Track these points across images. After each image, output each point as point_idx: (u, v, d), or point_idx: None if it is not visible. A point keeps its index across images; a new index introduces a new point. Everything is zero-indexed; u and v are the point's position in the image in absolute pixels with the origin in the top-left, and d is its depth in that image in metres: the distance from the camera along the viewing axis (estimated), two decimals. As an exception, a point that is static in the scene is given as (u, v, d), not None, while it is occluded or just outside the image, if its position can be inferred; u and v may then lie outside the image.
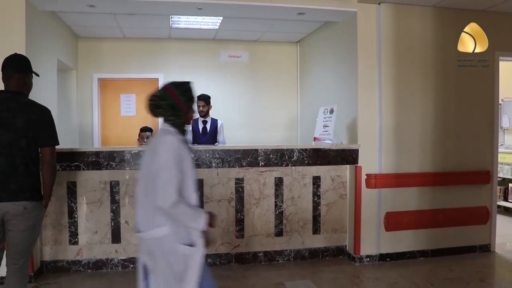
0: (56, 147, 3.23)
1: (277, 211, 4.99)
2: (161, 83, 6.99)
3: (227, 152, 4.68)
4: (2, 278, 3.10)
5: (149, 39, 6.97)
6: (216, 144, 5.94)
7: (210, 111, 6.09)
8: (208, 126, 6.05)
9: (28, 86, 3.24)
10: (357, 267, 4.86)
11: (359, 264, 4.93)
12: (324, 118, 5.29)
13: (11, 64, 3.16)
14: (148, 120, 6.93)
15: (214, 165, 4.65)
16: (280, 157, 4.78)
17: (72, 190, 4.64)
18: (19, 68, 3.17)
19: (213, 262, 4.85)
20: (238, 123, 7.10)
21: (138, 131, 5.89)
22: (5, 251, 3.13)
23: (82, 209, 4.67)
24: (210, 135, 6.02)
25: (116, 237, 4.72)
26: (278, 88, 7.33)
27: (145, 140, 5.70)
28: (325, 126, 5.23)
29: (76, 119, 6.83)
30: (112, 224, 4.71)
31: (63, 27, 6.08)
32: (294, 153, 4.81)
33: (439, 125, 5.13)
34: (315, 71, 6.57)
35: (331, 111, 5.17)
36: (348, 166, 5.09)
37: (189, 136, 6.04)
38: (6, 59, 3.18)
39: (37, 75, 3.35)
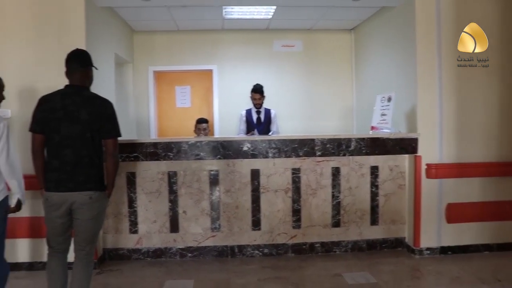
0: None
1: (334, 202, 4.91)
2: (215, 74, 7.06)
3: (283, 142, 4.65)
4: (71, 263, 3.22)
5: (202, 31, 7.01)
6: (270, 134, 5.93)
7: (263, 101, 6.08)
8: (262, 116, 6.05)
9: (90, 80, 3.34)
10: (417, 260, 4.72)
11: (419, 256, 4.78)
12: (382, 106, 5.15)
13: (74, 58, 3.26)
14: (204, 111, 7.04)
15: (270, 155, 4.63)
16: (337, 146, 4.70)
17: (131, 181, 4.75)
18: (82, 62, 3.27)
19: (270, 252, 4.85)
20: (292, 113, 7.04)
21: (194, 123, 5.96)
22: (72, 238, 3.26)
23: (141, 199, 4.78)
24: (264, 125, 6.01)
25: (174, 227, 4.80)
26: (333, 77, 7.20)
27: (202, 131, 5.77)
28: (382, 114, 5.10)
29: (133, 111, 7.00)
30: (170, 214, 4.79)
31: (119, 22, 6.23)
32: (351, 142, 4.72)
33: (505, 111, 4.86)
34: (371, 58, 6.41)
35: (389, 99, 5.02)
36: (407, 155, 4.93)
37: (244, 126, 6.07)
38: (69, 54, 3.28)
39: (96, 68, 3.43)
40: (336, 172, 4.90)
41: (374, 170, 4.94)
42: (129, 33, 6.80)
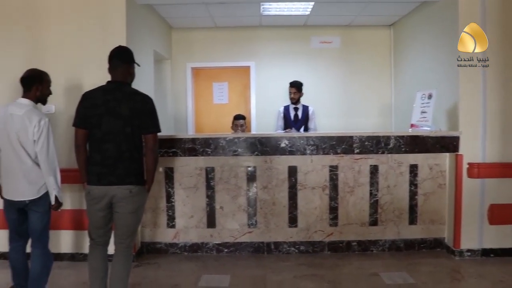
0: None
1: (372, 200, 4.85)
2: (252, 71, 7.07)
3: (321, 139, 4.63)
4: (111, 256, 3.29)
5: (240, 27, 7.02)
6: (308, 131, 5.91)
7: (301, 98, 6.05)
8: (299, 113, 6.03)
9: (132, 76, 3.40)
10: (457, 262, 4.60)
11: (459, 258, 4.66)
12: (422, 103, 5.05)
13: (116, 55, 3.33)
14: (241, 108, 7.06)
15: (308, 152, 4.62)
16: (375, 144, 4.64)
17: (169, 176, 4.82)
18: (124, 59, 3.33)
19: (306, 249, 4.84)
20: (329, 110, 6.98)
21: (231, 119, 5.99)
22: (113, 232, 3.33)
23: (179, 194, 4.84)
24: (302, 122, 6.00)
25: (211, 222, 4.85)
26: (371, 74, 7.10)
27: (239, 128, 5.79)
28: (423, 112, 5.00)
29: (171, 107, 7.09)
30: (208, 209, 4.84)
31: (158, 19, 6.31)
32: (390, 140, 4.64)
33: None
34: (411, 55, 6.28)
35: (429, 97, 4.92)
36: (447, 154, 4.81)
37: (281, 123, 6.07)
38: (112, 51, 3.35)
39: (138, 65, 3.49)
40: (374, 170, 4.83)
41: (413, 169, 4.85)
42: (167, 30, 6.89)
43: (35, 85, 3.42)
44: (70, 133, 3.57)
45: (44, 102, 3.57)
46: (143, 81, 4.95)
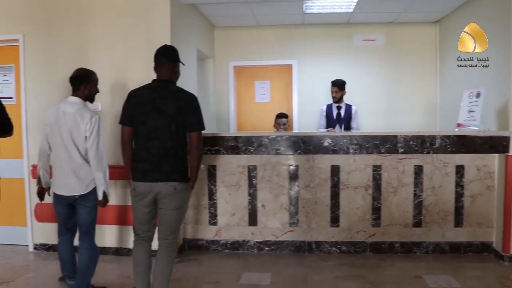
0: None
1: (416, 201, 4.75)
2: (294, 69, 7.05)
3: (365, 138, 4.58)
4: (155, 251, 3.35)
5: (282, 25, 7.01)
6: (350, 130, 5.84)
7: (344, 96, 6.00)
8: (342, 112, 5.97)
9: (177, 75, 3.44)
10: (506, 267, 4.42)
11: (508, 264, 4.47)
12: (470, 102, 4.90)
13: (162, 54, 3.38)
14: (283, 106, 7.05)
15: (351, 151, 4.58)
16: (420, 144, 4.54)
17: (212, 173, 4.87)
18: (170, 57, 3.37)
19: (347, 249, 4.79)
20: (372, 108, 6.86)
21: (273, 117, 6.00)
22: (157, 228, 3.39)
23: (221, 192, 4.89)
24: (344, 121, 5.93)
25: (252, 220, 4.88)
26: (415, 72, 6.93)
27: (281, 126, 5.79)
28: (470, 111, 4.85)
29: (213, 105, 7.15)
30: (249, 207, 4.87)
31: (201, 18, 6.38)
32: (436, 140, 4.54)
33: None
34: (458, 52, 6.08)
35: (478, 95, 4.77)
36: (497, 155, 4.65)
37: (324, 122, 6.03)
38: (158, 50, 3.40)
39: (183, 64, 3.54)
40: (418, 170, 4.73)
41: (460, 170, 4.71)
42: (210, 29, 6.95)
43: (83, 83, 3.53)
44: (115, 131, 3.67)
45: (91, 100, 3.67)
46: (187, 80, 5.02)
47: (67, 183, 3.46)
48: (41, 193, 3.66)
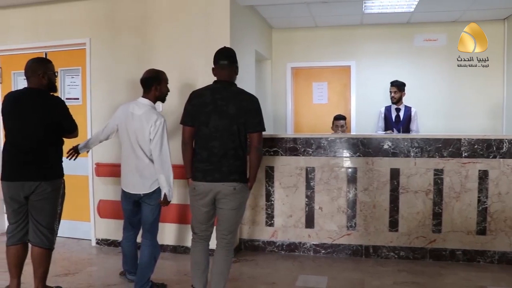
0: None
1: (480, 207, 4.56)
2: (353, 70, 6.96)
3: (426, 141, 4.46)
4: (213, 250, 3.40)
5: (340, 26, 6.94)
6: (410, 133, 5.70)
7: (403, 98, 5.86)
8: (401, 114, 5.85)
9: (236, 76, 3.48)
10: None
11: None
12: (541, 105, 4.67)
13: (223, 56, 3.39)
14: (341, 108, 6.98)
15: (412, 154, 4.48)
16: (486, 148, 4.37)
17: (269, 174, 4.89)
18: (230, 59, 3.39)
19: (406, 255, 4.68)
20: (433, 110, 6.64)
21: (330, 119, 5.95)
22: (215, 227, 3.43)
23: (279, 193, 4.90)
24: (404, 123, 5.81)
25: (309, 222, 4.86)
26: (480, 72, 6.66)
27: (339, 128, 5.74)
28: (541, 114, 4.62)
29: (271, 106, 7.18)
30: (306, 209, 4.85)
31: (259, 20, 6.42)
32: (503, 144, 4.35)
33: None
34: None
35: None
36: None
37: (382, 124, 5.92)
38: (219, 52, 3.43)
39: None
40: (483, 176, 4.54)
41: (530, 176, 4.49)
42: (268, 30, 6.99)
43: (154, 85, 3.65)
44: (176, 131, 3.75)
45: (163, 100, 3.80)
46: (245, 81, 5.06)
47: (133, 181, 3.59)
48: (71, 150, 3.87)
